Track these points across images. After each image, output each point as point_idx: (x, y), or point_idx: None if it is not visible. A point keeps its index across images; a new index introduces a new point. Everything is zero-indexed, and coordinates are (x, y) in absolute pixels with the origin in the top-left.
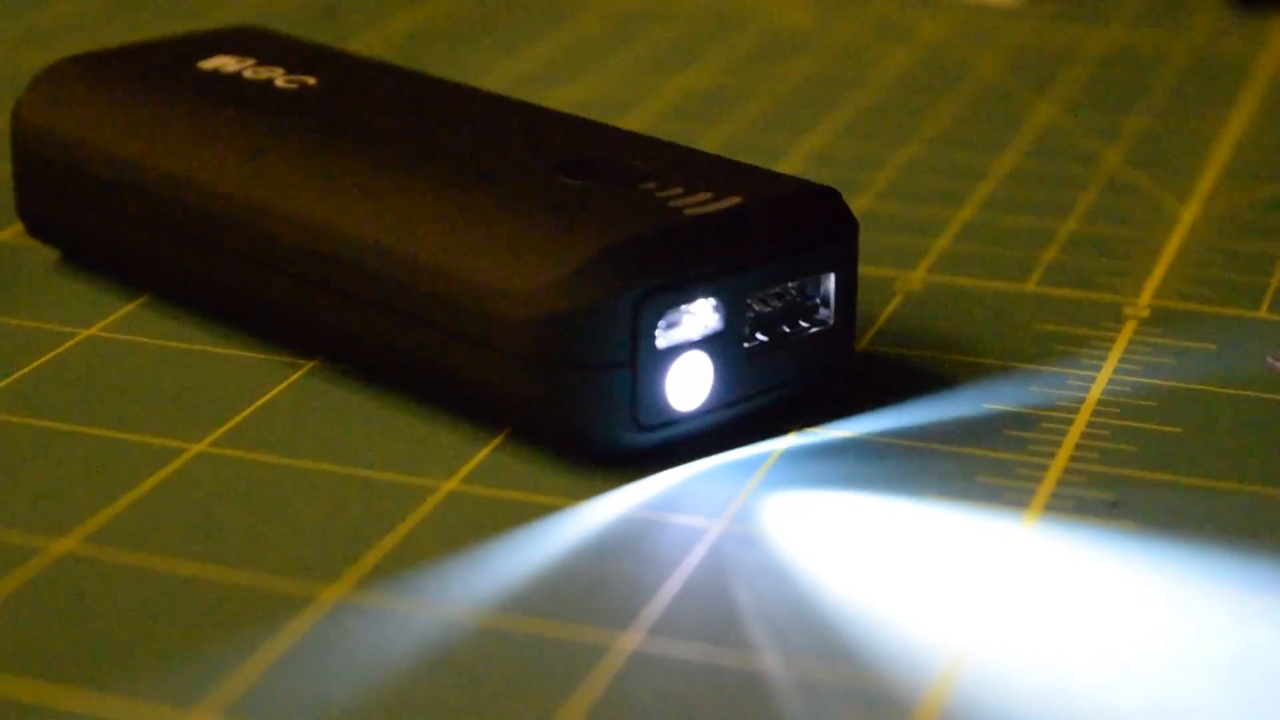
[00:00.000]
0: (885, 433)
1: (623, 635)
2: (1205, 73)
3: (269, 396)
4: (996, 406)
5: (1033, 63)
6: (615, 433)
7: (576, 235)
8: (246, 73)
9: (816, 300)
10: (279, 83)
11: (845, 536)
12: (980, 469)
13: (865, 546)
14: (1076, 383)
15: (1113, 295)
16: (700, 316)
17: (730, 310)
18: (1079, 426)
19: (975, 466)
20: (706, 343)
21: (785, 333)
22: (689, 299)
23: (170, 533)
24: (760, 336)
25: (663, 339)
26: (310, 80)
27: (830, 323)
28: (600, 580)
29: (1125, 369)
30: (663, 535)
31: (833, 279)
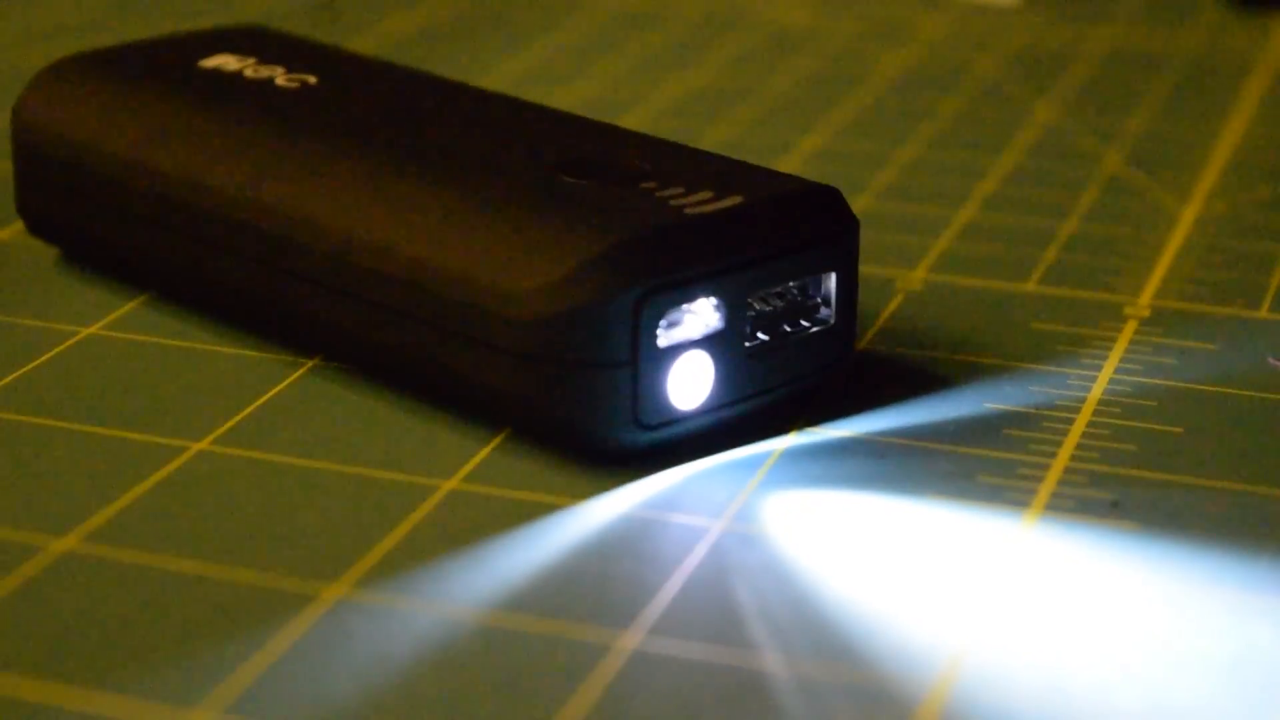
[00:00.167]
0: (886, 432)
1: (623, 634)
2: (1205, 72)
3: (270, 395)
4: (997, 406)
5: (1033, 62)
6: (616, 432)
7: (577, 234)
8: (247, 72)
9: (817, 299)
10: (279, 82)
11: (846, 536)
12: (981, 468)
13: (866, 546)
14: (1077, 382)
15: (1113, 295)
16: (701, 315)
17: (731, 309)
18: (1079, 426)
19: (976, 466)
20: (707, 342)
21: (786, 332)
22: (690, 298)
23: (171, 531)
24: (761, 336)
25: (664, 338)
26: (311, 79)
27: (831, 322)
28: (601, 579)
29: (1126, 369)
30: (663, 534)
31: (833, 278)
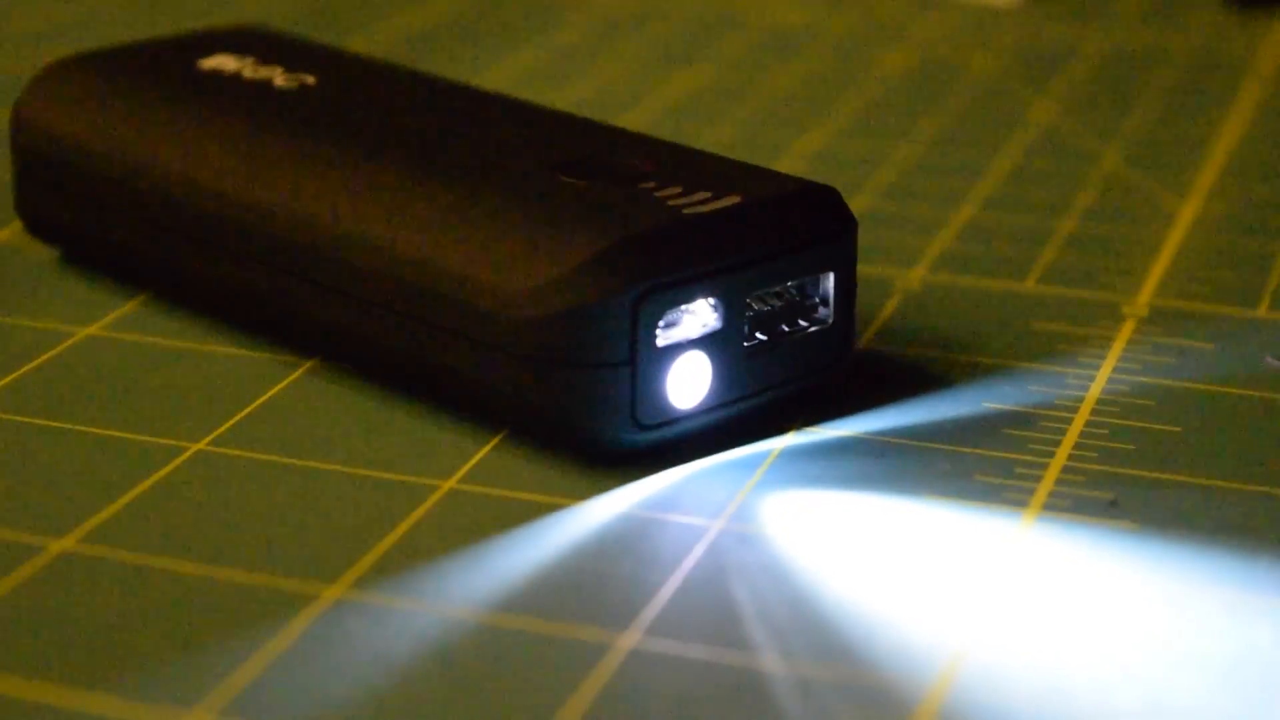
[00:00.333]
0: (884, 432)
1: (622, 634)
2: (1204, 72)
3: (268, 395)
4: (996, 405)
5: (1032, 62)
6: (615, 432)
7: (576, 234)
8: (246, 72)
9: (816, 299)
10: (278, 82)
11: (844, 536)
12: (979, 468)
13: (864, 545)
14: (1075, 382)
15: (1112, 294)
16: (699, 315)
17: (729, 309)
18: (1078, 425)
19: (974, 465)
20: (706, 342)
21: (784, 332)
22: (688, 298)
23: (170, 532)
24: (759, 335)
25: (662, 338)
26: (310, 79)
27: (829, 322)
28: (599, 579)
29: (1124, 368)
30: (662, 534)
31: (832, 278)
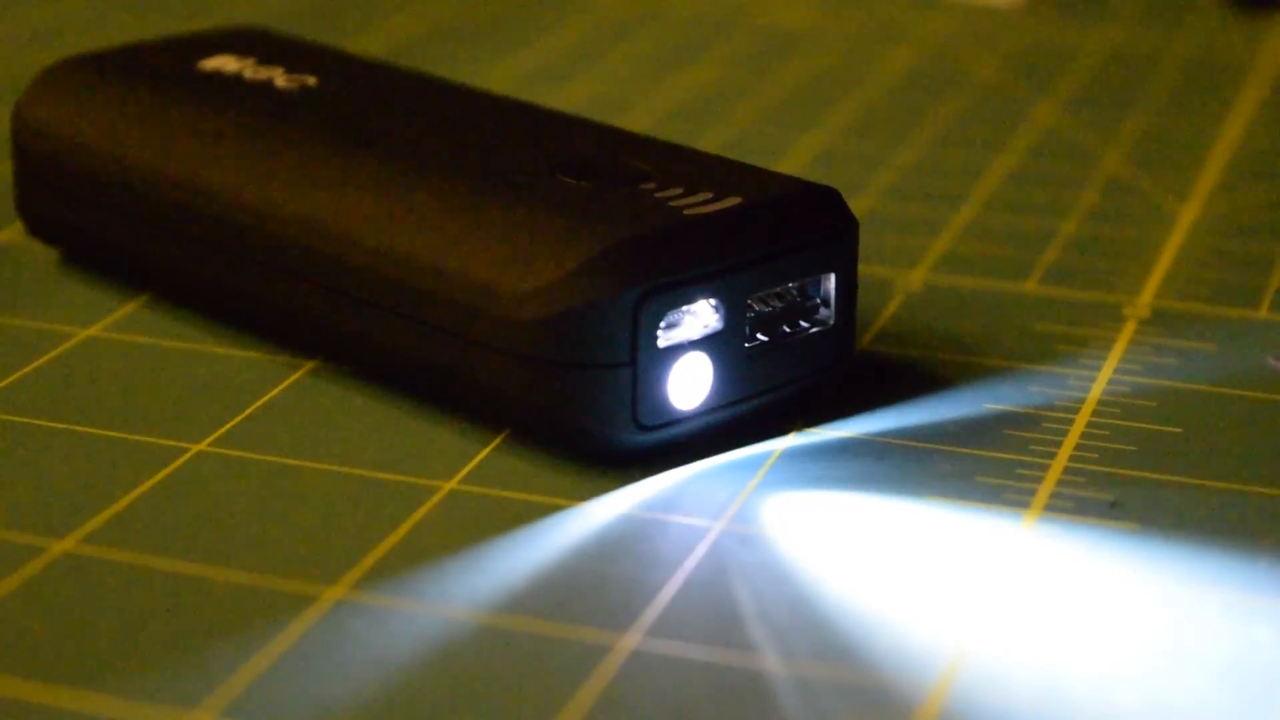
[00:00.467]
0: (885, 433)
1: (623, 635)
2: (1204, 73)
3: (269, 396)
4: (997, 406)
5: (1033, 63)
6: (616, 433)
7: (576, 235)
8: (247, 73)
9: (817, 300)
10: (279, 83)
11: (845, 536)
12: (980, 469)
13: (865, 546)
14: (1076, 383)
15: (1113, 295)
16: (700, 316)
17: (730, 310)
18: (1079, 427)
19: (975, 466)
20: (707, 343)
21: (785, 333)
22: (689, 299)
23: (170, 533)
24: (760, 336)
25: (663, 339)
26: (310, 80)
27: (830, 323)
28: (600, 580)
29: (1125, 369)
30: (663, 535)
31: (833, 279)
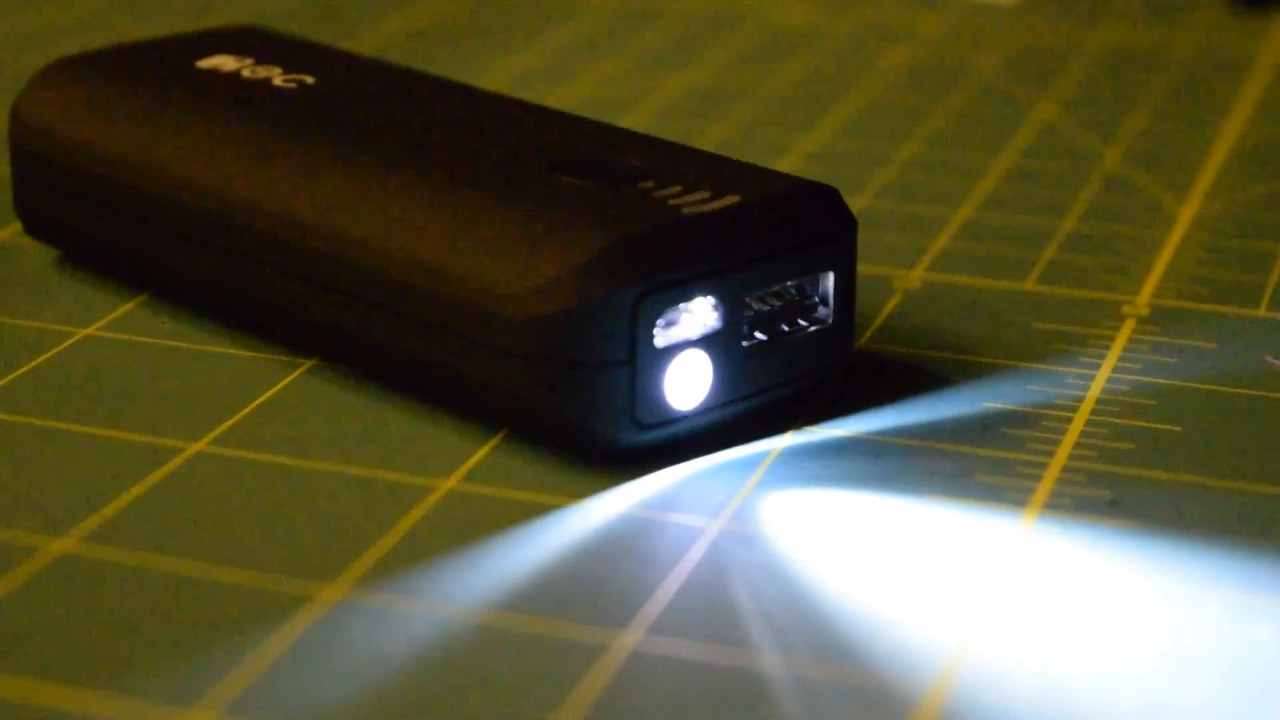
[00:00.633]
0: (884, 431)
1: (621, 634)
2: (1204, 72)
3: (267, 395)
4: (995, 405)
5: (1032, 61)
6: (614, 431)
7: (575, 234)
8: (245, 72)
9: (815, 299)
10: (277, 82)
11: (844, 535)
12: (979, 468)
13: (864, 545)
14: (1075, 381)
15: (1112, 294)
16: (699, 315)
17: (729, 309)
18: (1078, 425)
19: (974, 465)
20: (705, 341)
21: (784, 331)
22: (687, 297)
23: (169, 532)
24: (759, 335)
25: (661, 337)
26: (308, 79)
27: (829, 321)
28: (599, 579)
29: (1124, 367)
30: (662, 534)
31: (831, 278)
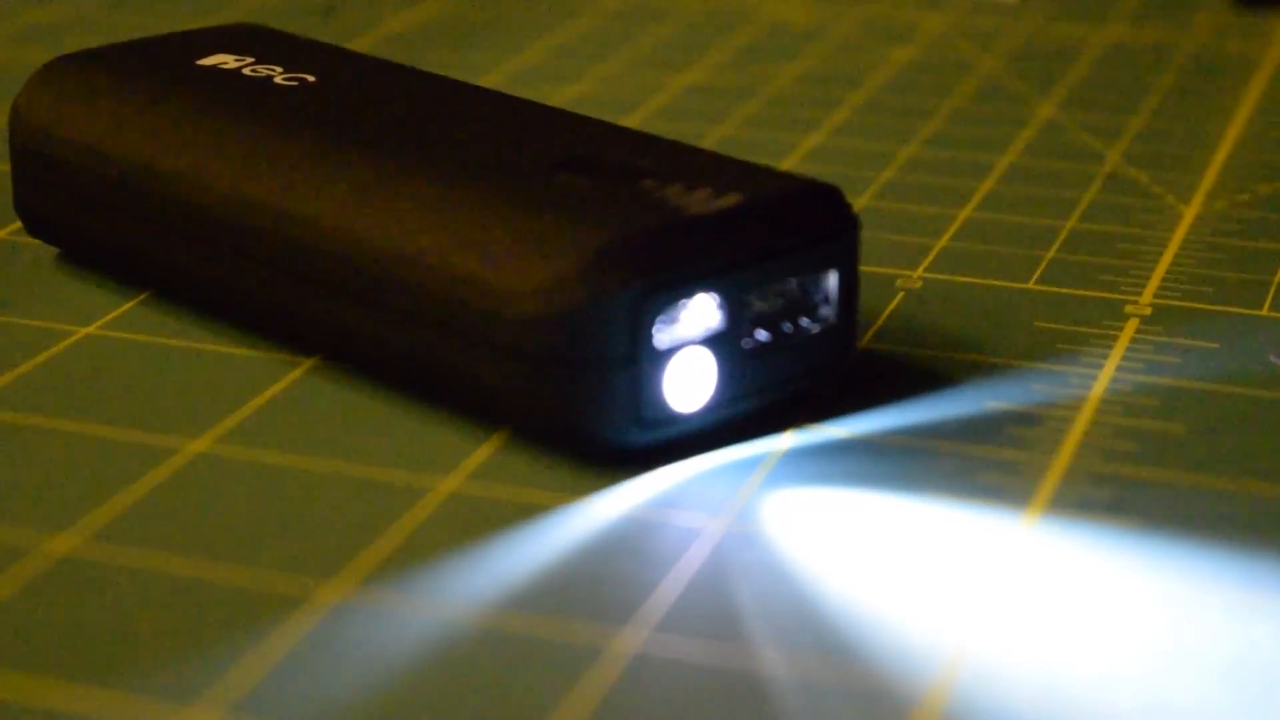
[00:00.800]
0: (887, 431)
1: (623, 633)
2: (1207, 71)
3: (268, 395)
4: (998, 405)
5: (1034, 60)
6: (616, 431)
7: (577, 232)
8: (245, 70)
9: (817, 298)
10: (278, 80)
11: (846, 535)
12: (982, 467)
13: (866, 545)
14: (1078, 381)
15: (1114, 293)
16: (701, 314)
17: (731, 308)
18: (1081, 425)
19: (977, 465)
20: (707, 340)
21: (786, 331)
22: (689, 296)
23: (169, 531)
24: (761, 334)
25: (663, 337)
26: (309, 78)
27: (831, 321)
28: (600, 578)
29: (1127, 367)
30: (663, 533)
31: (834, 277)
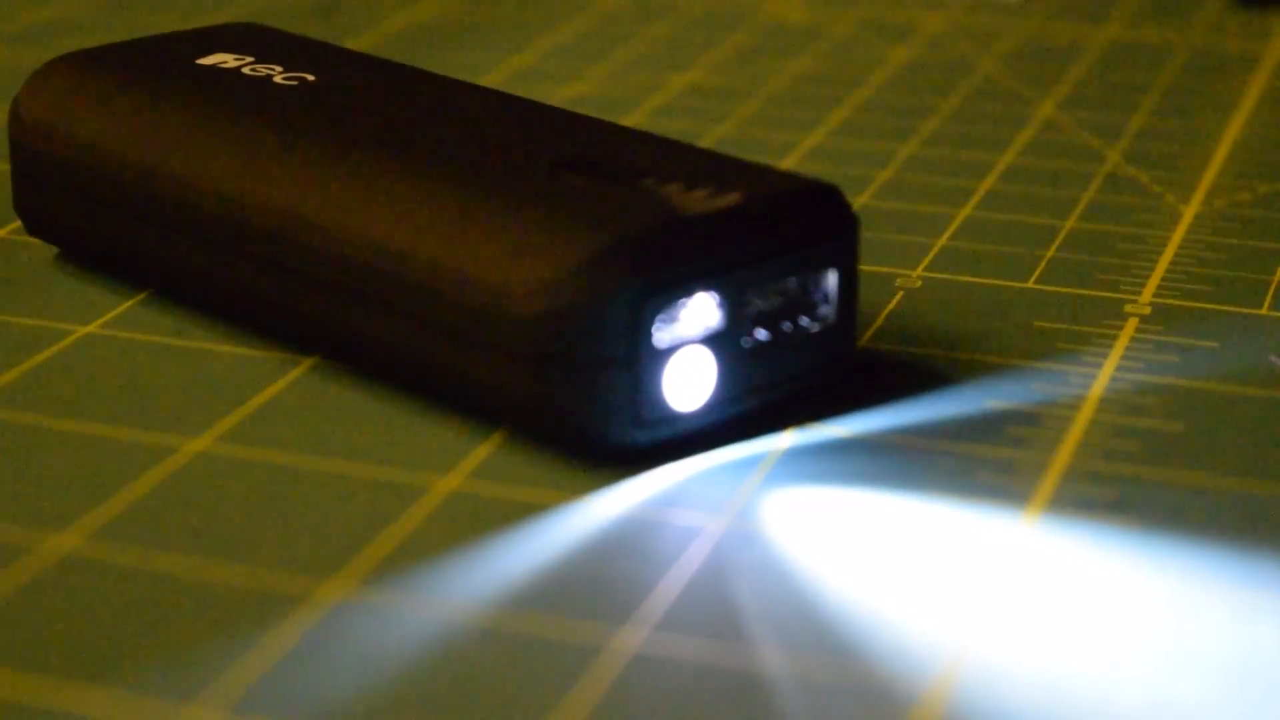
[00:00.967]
0: (886, 430)
1: (623, 632)
2: (1207, 70)
3: (268, 394)
4: (998, 404)
5: (1034, 60)
6: (615, 430)
7: (576, 231)
8: (245, 69)
9: (817, 297)
10: (277, 79)
11: (846, 534)
12: (981, 466)
13: (866, 544)
14: (1078, 380)
15: (1114, 292)
16: (701, 313)
17: (731, 307)
18: (1080, 424)
19: (976, 464)
20: (707, 340)
21: (786, 330)
22: (689, 295)
23: (169, 530)
24: (761, 333)
25: (663, 336)
26: (309, 77)
27: (831, 320)
28: (600, 578)
29: (1127, 366)
30: (663, 533)
31: (833, 276)
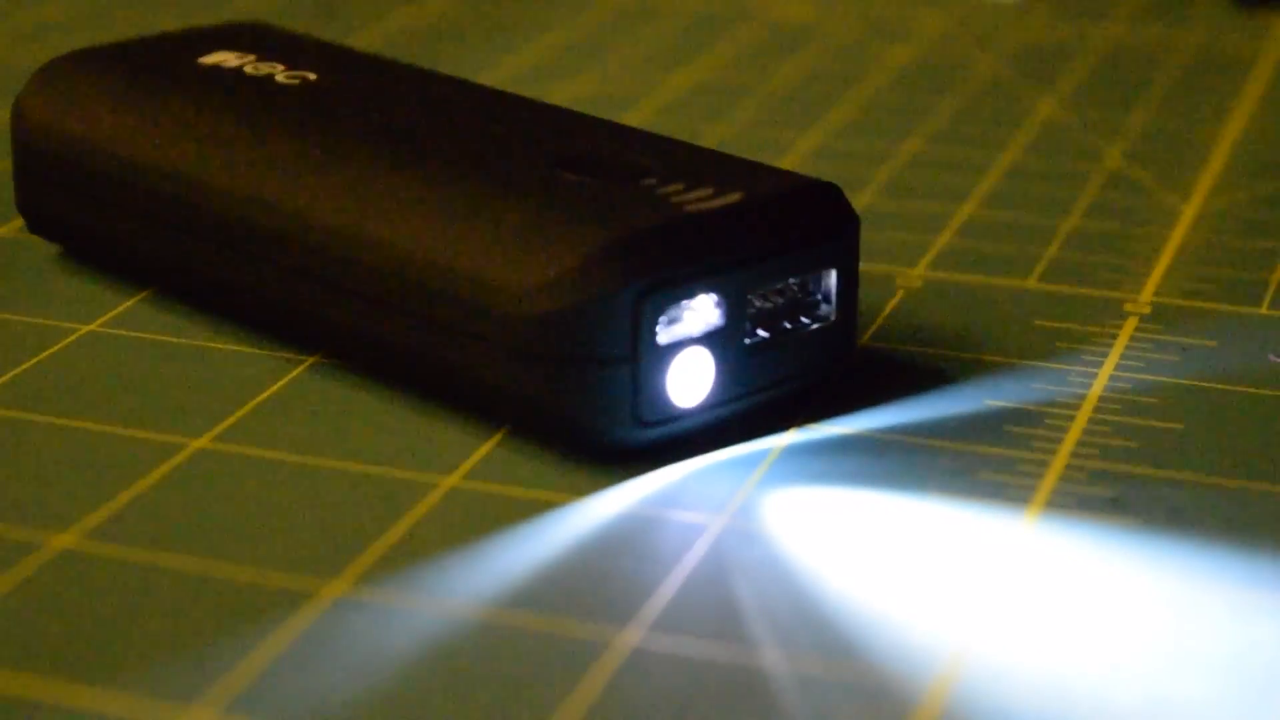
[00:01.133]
0: (886, 429)
1: (623, 631)
2: (1207, 69)
3: (269, 392)
4: (998, 403)
5: (1034, 59)
6: (616, 429)
7: (577, 231)
8: (247, 68)
9: (818, 296)
10: (279, 78)
11: (846, 533)
12: (982, 465)
13: (866, 543)
14: (1078, 379)
15: (1114, 291)
16: (701, 312)
17: (731, 306)
18: (1080, 423)
19: (977, 463)
20: (707, 339)
21: (786, 329)
22: (689, 295)
23: (170, 528)
24: (761, 332)
25: (663, 335)
26: (311, 76)
27: (831, 319)
28: (601, 576)
29: (1127, 365)
30: (663, 531)
31: (834, 275)
